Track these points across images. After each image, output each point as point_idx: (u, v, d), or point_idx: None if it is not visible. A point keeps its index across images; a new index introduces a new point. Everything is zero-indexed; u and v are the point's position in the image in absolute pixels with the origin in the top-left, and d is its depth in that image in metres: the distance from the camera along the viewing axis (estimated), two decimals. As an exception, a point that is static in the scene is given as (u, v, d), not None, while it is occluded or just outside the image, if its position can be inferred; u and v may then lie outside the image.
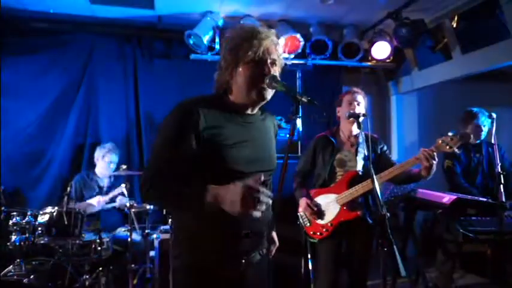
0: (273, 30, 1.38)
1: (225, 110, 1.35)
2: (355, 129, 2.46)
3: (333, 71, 4.25)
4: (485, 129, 3.18)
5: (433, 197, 2.90)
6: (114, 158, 3.44)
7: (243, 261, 1.37)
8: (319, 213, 2.36)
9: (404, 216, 3.51)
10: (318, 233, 2.37)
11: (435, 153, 2.04)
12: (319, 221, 2.37)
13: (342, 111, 2.47)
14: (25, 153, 3.57)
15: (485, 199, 2.80)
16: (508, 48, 3.17)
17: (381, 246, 1.66)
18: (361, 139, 2.46)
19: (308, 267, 2.53)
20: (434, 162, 2.05)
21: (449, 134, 2.07)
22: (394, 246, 1.40)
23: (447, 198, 2.75)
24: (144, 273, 3.14)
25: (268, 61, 1.32)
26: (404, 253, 3.39)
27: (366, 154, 2.39)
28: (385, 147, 2.52)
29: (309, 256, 2.52)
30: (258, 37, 1.31)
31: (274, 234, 1.68)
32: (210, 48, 3.71)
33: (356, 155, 2.41)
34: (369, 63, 4.14)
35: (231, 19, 3.69)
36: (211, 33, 3.59)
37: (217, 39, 3.67)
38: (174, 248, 1.42)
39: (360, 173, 2.37)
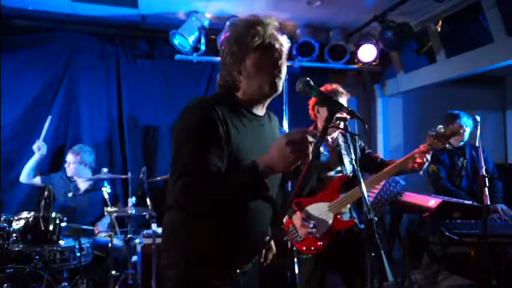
0: (274, 17, 1.32)
1: (236, 109, 1.27)
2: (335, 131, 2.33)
3: (319, 73, 4.23)
4: (467, 130, 3.22)
5: (419, 200, 2.91)
6: (88, 157, 3.31)
7: (238, 271, 1.32)
8: (315, 228, 2.12)
9: (390, 219, 3.51)
10: (313, 248, 2.15)
11: (430, 150, 2.07)
12: (314, 235, 2.15)
13: (322, 111, 2.24)
14: (2, 154, 3.42)
15: (470, 202, 2.82)
16: (490, 53, 3.22)
17: (368, 251, 1.63)
18: (340, 140, 2.35)
19: (294, 270, 2.45)
20: (428, 158, 2.07)
21: (440, 128, 2.06)
22: (382, 251, 1.36)
23: (433, 201, 2.76)
24: (126, 279, 3.04)
25: (276, 46, 1.27)
26: (391, 256, 3.39)
27: (352, 156, 2.29)
28: (362, 144, 2.45)
29: (295, 260, 2.45)
30: (261, 23, 1.27)
31: (271, 241, 1.63)
32: (196, 49, 3.66)
33: (341, 157, 2.30)
34: (355, 66, 4.15)
35: (217, 19, 3.64)
36: (196, 33, 3.54)
37: (202, 40, 3.62)
38: (167, 255, 1.31)
39: (351, 177, 2.26)
